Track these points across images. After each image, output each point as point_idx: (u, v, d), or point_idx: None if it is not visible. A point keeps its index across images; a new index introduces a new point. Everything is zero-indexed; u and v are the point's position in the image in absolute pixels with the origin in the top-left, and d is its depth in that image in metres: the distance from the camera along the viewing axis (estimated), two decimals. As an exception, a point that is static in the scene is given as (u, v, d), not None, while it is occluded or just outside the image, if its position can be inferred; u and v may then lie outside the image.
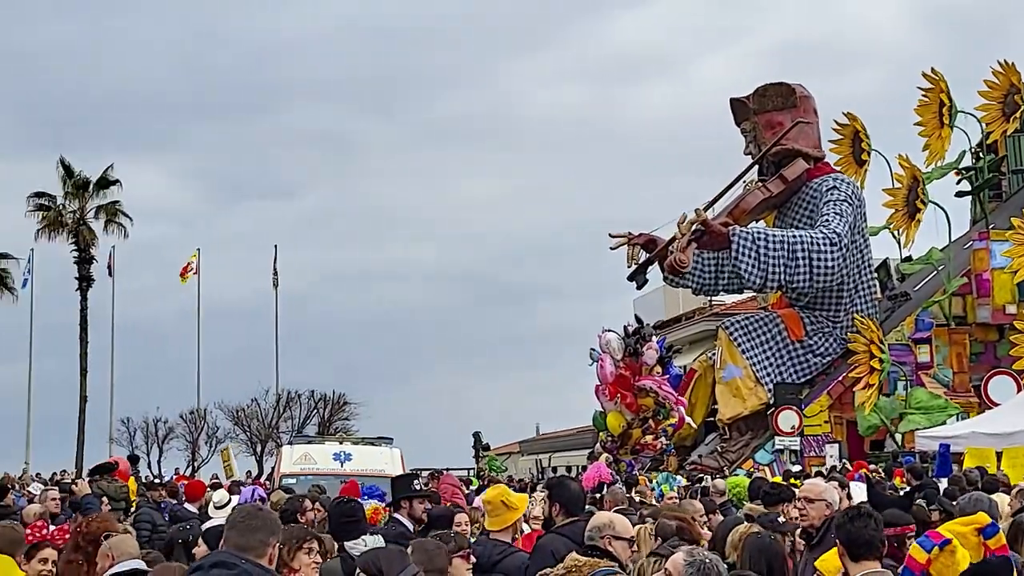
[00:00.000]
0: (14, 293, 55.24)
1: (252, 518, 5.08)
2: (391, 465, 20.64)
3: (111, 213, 56.18)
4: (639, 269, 25.00)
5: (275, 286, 59.15)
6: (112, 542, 7.95)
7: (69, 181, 55.95)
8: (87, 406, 55.31)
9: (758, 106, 27.79)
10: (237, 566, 4.79)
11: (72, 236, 55.50)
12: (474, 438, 47.38)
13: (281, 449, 24.30)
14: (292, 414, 64.47)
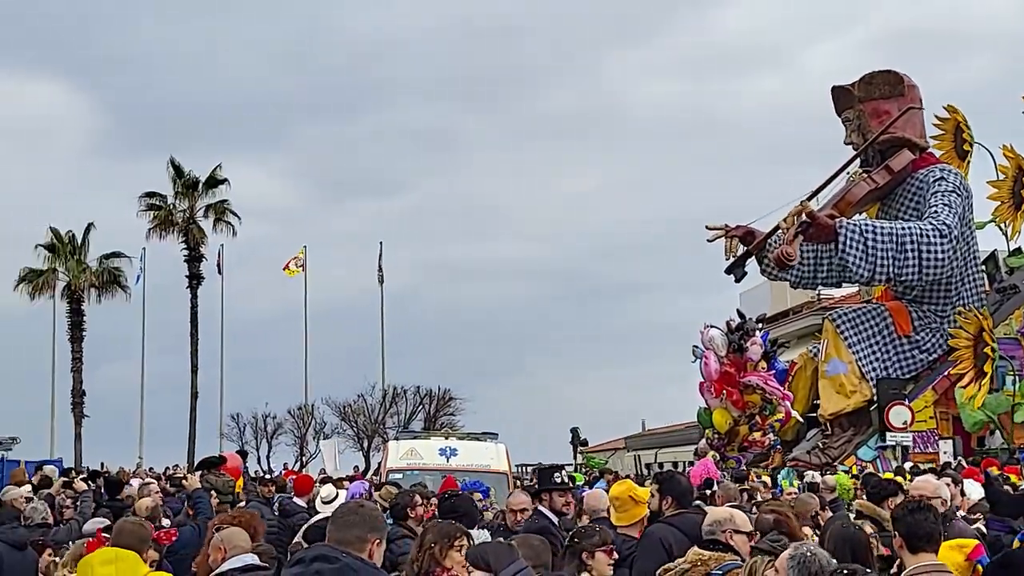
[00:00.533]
0: (127, 291, 56.46)
1: (351, 514, 5.13)
2: (496, 460, 20.74)
3: (219, 212, 57.14)
4: (737, 262, 24.71)
5: (380, 283, 59.64)
6: (223, 535, 8.01)
7: (179, 181, 56.98)
8: (198, 402, 56.37)
9: (864, 94, 27.26)
10: (339, 560, 4.85)
11: (182, 235, 56.55)
12: (572, 434, 47.21)
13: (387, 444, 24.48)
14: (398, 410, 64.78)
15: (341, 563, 4.84)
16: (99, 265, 56.05)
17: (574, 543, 7.43)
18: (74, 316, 55.57)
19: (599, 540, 7.39)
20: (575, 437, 46.79)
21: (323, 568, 4.80)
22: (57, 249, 55.76)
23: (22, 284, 55.04)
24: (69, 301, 55.55)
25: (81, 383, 55.18)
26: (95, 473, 20.76)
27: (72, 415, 54.82)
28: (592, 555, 7.31)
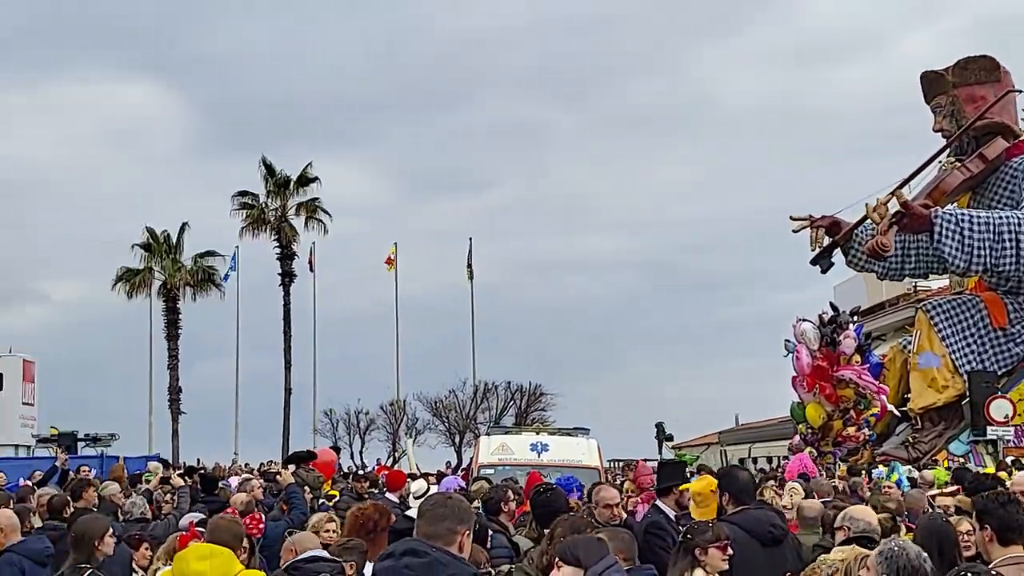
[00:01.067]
0: (221, 290, 57.37)
1: (440, 507, 5.15)
2: (588, 456, 20.70)
3: (311, 210, 57.78)
4: (823, 253, 24.31)
5: (470, 278, 59.89)
6: (295, 538, 8.28)
7: (271, 180, 57.74)
8: (291, 398, 57.10)
9: (959, 79, 26.65)
10: (428, 554, 4.87)
11: (274, 233, 57.28)
12: (657, 428, 46.96)
13: (479, 440, 24.58)
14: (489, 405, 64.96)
15: (431, 557, 4.86)
16: (194, 264, 57.02)
17: (687, 539, 7.40)
18: (170, 314, 56.58)
19: (712, 536, 7.35)
20: (660, 432, 46.52)
21: (412, 562, 4.82)
22: (153, 248, 56.80)
23: (119, 283, 56.18)
24: (165, 299, 56.58)
25: (178, 380, 56.19)
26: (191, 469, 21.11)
27: (169, 412, 55.87)
28: (705, 551, 7.29)
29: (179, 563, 6.66)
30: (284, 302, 57.48)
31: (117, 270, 56.44)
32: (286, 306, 57.47)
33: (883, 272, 27.43)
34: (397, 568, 4.84)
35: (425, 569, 4.82)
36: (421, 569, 4.81)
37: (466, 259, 59.78)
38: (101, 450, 35.32)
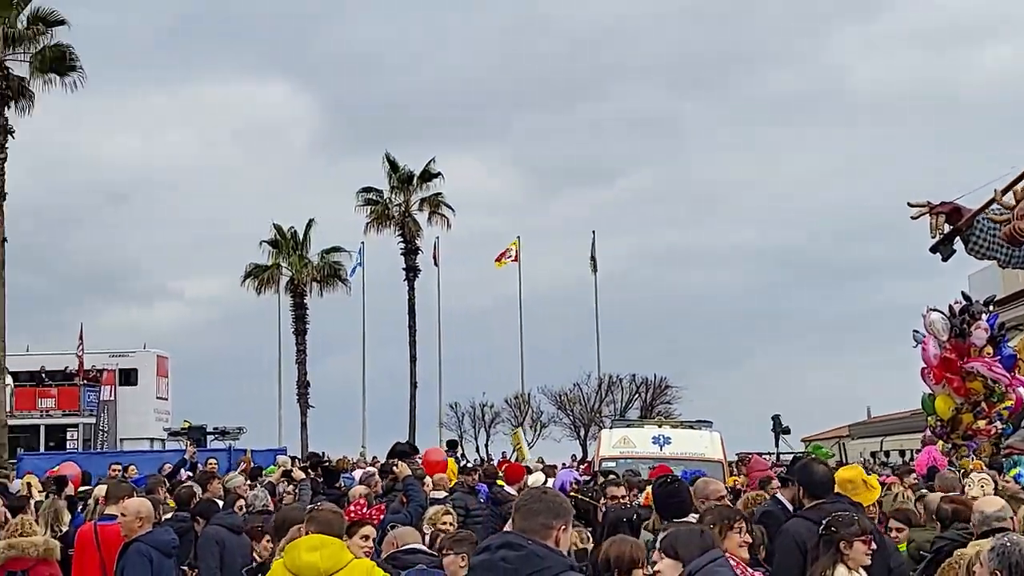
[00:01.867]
0: (347, 285, 57.98)
1: (535, 501, 5.13)
2: (711, 449, 20.57)
3: (434, 205, 58.14)
4: (943, 240, 23.66)
5: (594, 271, 59.75)
6: (398, 532, 8.43)
7: (394, 175, 58.24)
8: (417, 392, 57.59)
9: None
10: (524, 547, 4.86)
11: (398, 228, 57.73)
12: (773, 421, 46.16)
13: (601, 433, 24.56)
14: (614, 398, 64.88)
15: (527, 550, 4.84)
16: (320, 260, 57.72)
17: (831, 531, 7.26)
18: (297, 310, 57.42)
19: (857, 529, 7.22)
20: (777, 425, 45.72)
21: (508, 555, 4.82)
22: (280, 245, 57.65)
23: (248, 279, 57.11)
24: (293, 295, 57.38)
25: (305, 374, 56.99)
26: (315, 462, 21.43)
27: (298, 406, 56.69)
28: (850, 544, 7.16)
29: (291, 552, 6.78)
30: (409, 297, 57.95)
31: (246, 267, 57.35)
32: (411, 301, 57.92)
33: (1006, 260, 26.57)
34: (493, 561, 4.84)
35: (521, 562, 4.80)
36: (517, 562, 4.80)
37: (590, 252, 59.69)
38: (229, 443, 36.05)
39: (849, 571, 7.14)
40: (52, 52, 36.45)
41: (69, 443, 47.27)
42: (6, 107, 35.86)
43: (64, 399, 48.89)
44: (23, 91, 36.26)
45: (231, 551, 10.52)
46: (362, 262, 58.29)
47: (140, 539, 9.42)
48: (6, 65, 35.89)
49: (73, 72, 36.86)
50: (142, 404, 51.13)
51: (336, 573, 6.56)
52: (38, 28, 36.35)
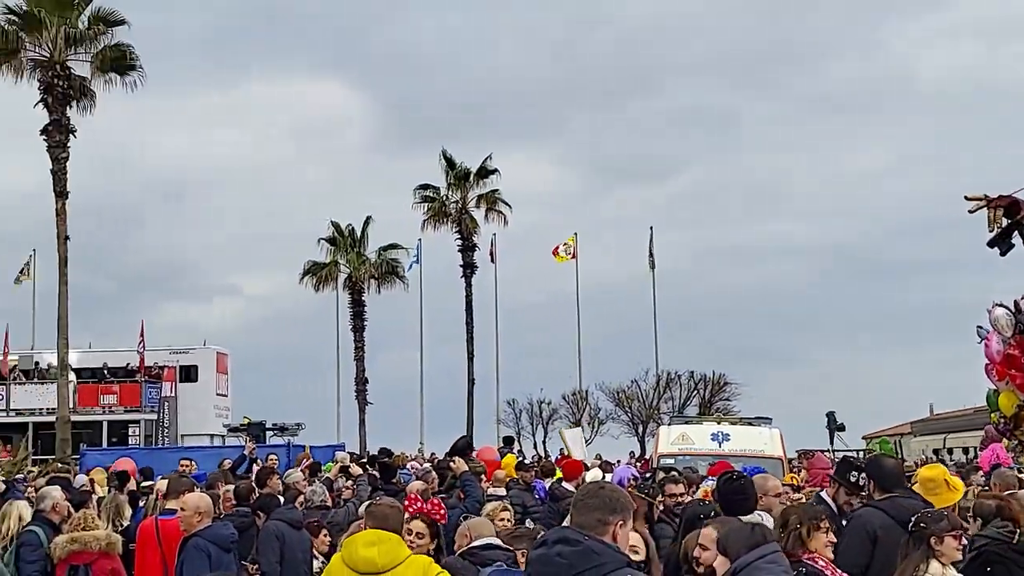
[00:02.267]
0: (405, 282, 58.13)
1: (591, 496, 5.08)
2: (770, 446, 20.44)
3: (491, 201, 58.18)
4: (1002, 234, 23.29)
5: (652, 267, 59.57)
6: (471, 523, 8.33)
7: (451, 173, 58.33)
8: (474, 388, 57.66)
9: None
10: (580, 543, 4.82)
11: (455, 225, 57.87)
12: (828, 418, 45.65)
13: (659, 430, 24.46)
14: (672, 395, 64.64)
15: (583, 546, 4.80)
16: (378, 257, 57.98)
17: (920, 528, 7.19)
18: (355, 306, 57.67)
19: (948, 524, 7.14)
20: (831, 422, 45.19)
21: (564, 551, 4.78)
22: (338, 242, 57.96)
23: (307, 276, 57.48)
24: (350, 292, 57.67)
25: (364, 371, 57.26)
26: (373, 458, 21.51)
27: (356, 402, 56.95)
28: (941, 540, 7.09)
29: (348, 547, 6.80)
30: (466, 293, 58.04)
31: (304, 264, 57.74)
32: (468, 297, 58.02)
33: None
34: (549, 556, 4.81)
35: (577, 558, 4.77)
36: (573, 557, 4.76)
37: (647, 248, 59.51)
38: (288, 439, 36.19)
39: (943, 567, 7.06)
40: (112, 52, 36.88)
41: (131, 439, 47.76)
42: (68, 107, 36.33)
43: (126, 395, 49.40)
44: (84, 91, 36.72)
45: (291, 546, 10.58)
46: (419, 259, 58.52)
47: (199, 534, 9.50)
48: (68, 65, 36.35)
49: (133, 72, 37.31)
50: (202, 400, 51.56)
51: (393, 569, 6.57)
52: (99, 28, 36.78)
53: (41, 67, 36.13)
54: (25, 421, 47.20)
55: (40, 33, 35.88)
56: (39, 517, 11.10)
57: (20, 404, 48.05)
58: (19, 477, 21.13)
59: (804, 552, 6.86)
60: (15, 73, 36.22)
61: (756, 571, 5.74)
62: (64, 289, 35.79)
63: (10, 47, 35.91)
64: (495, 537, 8.00)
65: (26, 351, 51.71)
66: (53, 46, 35.93)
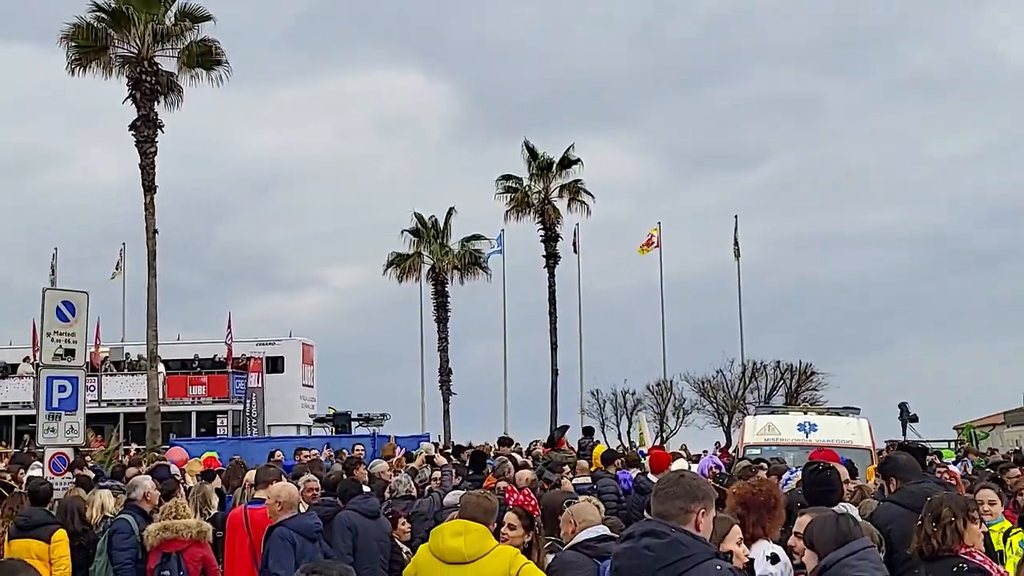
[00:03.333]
0: (488, 273, 58.24)
1: (672, 485, 5.03)
2: (858, 436, 20.17)
3: (573, 191, 57.97)
4: None
5: (736, 256, 59.08)
6: (574, 509, 8.17)
7: (533, 163, 58.17)
8: (558, 379, 57.60)
9: None
10: (668, 535, 4.78)
11: (538, 215, 57.74)
12: (900, 409, 44.85)
13: (745, 420, 24.27)
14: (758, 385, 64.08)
15: (671, 538, 4.76)
16: (460, 248, 58.09)
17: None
18: (439, 297, 57.82)
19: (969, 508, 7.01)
20: (904, 413, 44.40)
21: (652, 543, 4.74)
22: (421, 234, 58.13)
23: (391, 268, 57.69)
24: (434, 283, 57.81)
25: (448, 362, 57.41)
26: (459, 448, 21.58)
27: (440, 393, 57.15)
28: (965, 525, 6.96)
29: (435, 537, 6.81)
30: (549, 284, 57.91)
31: (388, 255, 57.87)
32: (551, 287, 57.89)
33: None
34: (637, 549, 4.77)
35: (665, 550, 4.72)
36: (661, 550, 4.72)
37: (732, 236, 59.05)
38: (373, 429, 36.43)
39: None
40: (199, 47, 37.25)
41: (219, 429, 48.40)
42: (156, 102, 36.81)
43: (214, 386, 50.06)
44: (172, 86, 37.16)
45: (365, 536, 10.61)
46: (502, 249, 58.56)
47: (284, 523, 9.58)
48: (155, 61, 36.79)
49: (219, 66, 37.65)
50: (288, 391, 52.10)
51: (479, 559, 6.56)
52: (185, 24, 37.15)
53: (129, 63, 36.57)
54: (116, 411, 47.99)
55: (128, 30, 36.32)
56: (131, 505, 11.30)
57: (111, 395, 48.90)
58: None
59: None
60: (104, 70, 36.72)
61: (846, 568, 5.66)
62: (153, 282, 36.26)
63: (99, 44, 36.41)
64: (603, 525, 7.87)
65: (116, 343, 52.62)
66: (141, 42, 36.35)
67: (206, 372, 50.61)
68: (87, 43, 36.37)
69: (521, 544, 7.53)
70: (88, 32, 36.35)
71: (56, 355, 19.07)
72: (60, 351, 19.10)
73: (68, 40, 36.39)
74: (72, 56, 36.52)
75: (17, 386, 49.99)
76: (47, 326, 18.84)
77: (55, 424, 18.78)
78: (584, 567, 7.32)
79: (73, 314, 19.17)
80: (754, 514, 7.07)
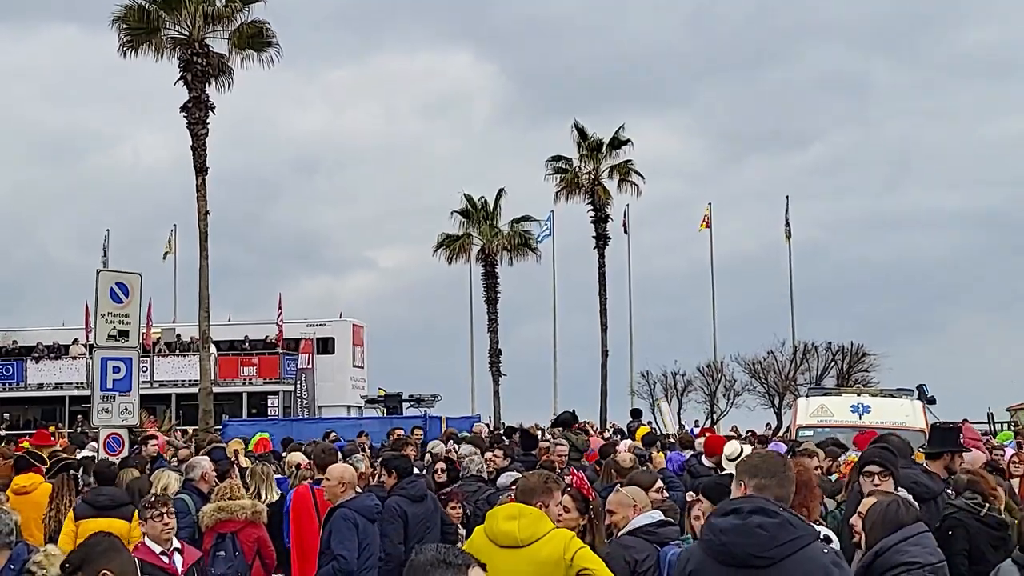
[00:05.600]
0: (537, 254, 58.27)
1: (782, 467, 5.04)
2: (912, 417, 20.06)
3: (623, 172, 57.81)
4: None
5: (787, 237, 58.77)
6: (628, 491, 8.12)
7: (583, 144, 58.05)
8: (608, 360, 57.59)
9: None
10: (779, 514, 4.73)
11: (588, 196, 57.61)
12: (918, 391, 44.29)
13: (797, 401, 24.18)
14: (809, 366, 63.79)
15: (781, 518, 4.72)
16: (510, 229, 58.16)
17: None
18: (488, 278, 57.94)
19: None
20: (922, 395, 43.75)
21: (765, 522, 4.69)
22: (471, 215, 58.26)
23: (440, 249, 57.88)
24: (483, 264, 57.95)
25: (497, 343, 57.58)
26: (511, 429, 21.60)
27: (490, 374, 57.34)
28: None
29: (490, 520, 6.81)
30: (599, 265, 57.85)
31: (438, 237, 58.10)
32: (601, 269, 57.82)
33: None
34: (749, 527, 4.71)
35: (778, 529, 4.67)
36: (774, 529, 4.67)
37: (783, 217, 58.72)
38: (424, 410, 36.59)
39: None
40: (249, 29, 37.38)
41: (270, 410, 48.77)
42: (207, 84, 37.00)
43: (265, 367, 50.41)
44: (223, 67, 37.33)
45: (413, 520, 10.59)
46: (551, 230, 58.59)
47: (346, 504, 9.61)
48: (206, 43, 36.97)
49: (269, 48, 37.77)
50: (339, 372, 52.35)
51: (534, 543, 6.55)
52: (236, 5, 37.30)
53: (180, 45, 36.76)
54: (168, 392, 48.50)
55: (179, 11, 36.51)
56: (188, 486, 11.40)
57: (163, 376, 49.34)
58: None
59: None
60: (156, 52, 36.92)
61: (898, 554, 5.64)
62: (205, 263, 36.48)
63: (151, 26, 36.62)
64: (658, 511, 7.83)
65: (168, 324, 53.09)
66: (192, 24, 36.55)
67: (257, 353, 50.95)
68: (139, 25, 36.61)
69: (576, 527, 7.53)
70: (140, 14, 36.59)
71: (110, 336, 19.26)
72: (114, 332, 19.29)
73: (120, 22, 36.64)
74: (124, 38, 36.75)
75: (70, 367, 50.52)
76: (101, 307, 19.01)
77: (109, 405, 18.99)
78: (644, 549, 7.30)
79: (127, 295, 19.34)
80: (798, 495, 7.08)
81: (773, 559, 4.58)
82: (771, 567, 4.57)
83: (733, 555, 4.61)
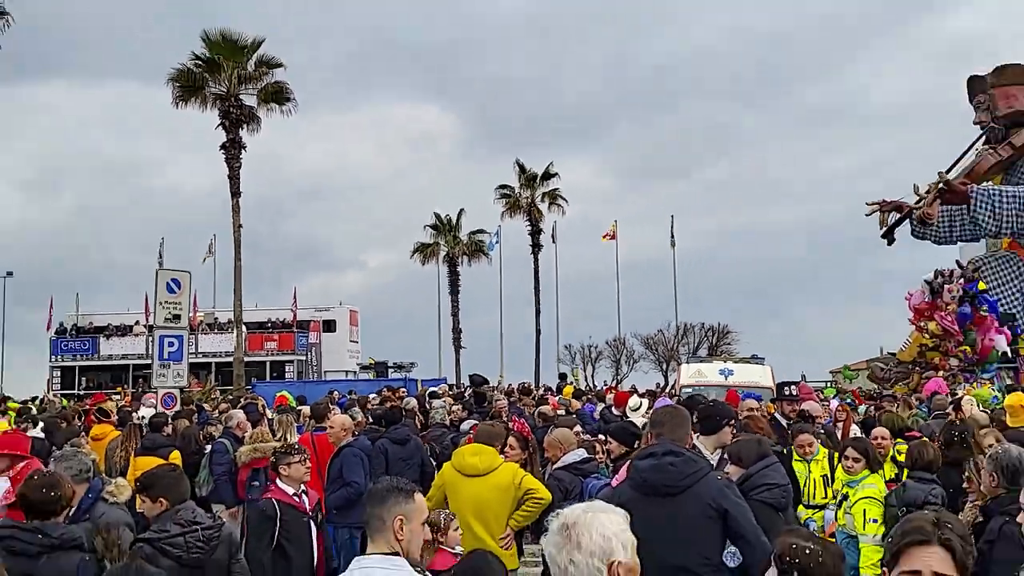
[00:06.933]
0: (489, 258, 58.40)
1: (678, 417, 5.06)
2: (763, 378, 20.20)
3: (552, 197, 57.97)
4: (889, 230, 22.68)
5: (672, 246, 59.21)
6: (559, 435, 7.95)
7: (523, 175, 58.12)
8: (540, 337, 57.76)
9: (995, 80, 24.20)
10: (683, 454, 4.69)
11: (526, 215, 57.73)
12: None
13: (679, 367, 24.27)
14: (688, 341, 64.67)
15: (686, 456, 4.68)
16: (468, 239, 58.10)
17: None
18: (452, 276, 57.95)
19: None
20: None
21: (675, 460, 4.69)
22: (439, 228, 58.13)
23: (416, 254, 57.89)
24: (448, 265, 57.91)
25: (458, 324, 57.56)
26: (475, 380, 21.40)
27: (453, 348, 57.36)
28: None
29: (457, 456, 6.82)
30: (534, 267, 58.10)
31: (413, 244, 58.17)
32: (536, 270, 58.08)
33: (934, 237, 25.01)
34: (663, 464, 4.69)
35: (684, 464, 4.67)
36: (682, 465, 4.66)
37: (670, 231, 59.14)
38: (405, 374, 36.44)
39: None
40: (273, 88, 36.97)
41: (287, 374, 48.35)
42: (240, 129, 36.59)
43: (283, 342, 49.97)
44: (252, 117, 36.92)
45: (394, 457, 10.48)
46: (499, 241, 58.67)
47: (351, 444, 9.53)
48: (240, 98, 36.57)
49: (288, 102, 37.33)
50: (340, 346, 52.09)
51: (491, 472, 6.61)
52: (263, 70, 36.89)
53: (220, 99, 36.33)
54: (209, 361, 47.95)
55: (219, 74, 36.07)
56: (227, 432, 11.29)
57: (205, 349, 48.77)
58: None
59: None
60: (201, 104, 36.50)
61: (763, 477, 5.71)
62: (238, 264, 36.13)
63: (197, 84, 36.15)
64: (582, 449, 7.83)
65: (209, 309, 52.50)
66: (229, 83, 36.12)
67: (277, 332, 50.48)
68: (187, 83, 36.09)
69: (520, 461, 7.58)
70: (188, 76, 36.07)
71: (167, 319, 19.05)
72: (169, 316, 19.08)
73: (173, 81, 36.15)
74: (176, 94, 36.24)
75: (133, 342, 49.85)
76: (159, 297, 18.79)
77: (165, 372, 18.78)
78: (573, 482, 7.34)
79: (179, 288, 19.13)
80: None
81: (683, 487, 4.63)
82: (680, 494, 4.62)
83: (653, 487, 4.63)
